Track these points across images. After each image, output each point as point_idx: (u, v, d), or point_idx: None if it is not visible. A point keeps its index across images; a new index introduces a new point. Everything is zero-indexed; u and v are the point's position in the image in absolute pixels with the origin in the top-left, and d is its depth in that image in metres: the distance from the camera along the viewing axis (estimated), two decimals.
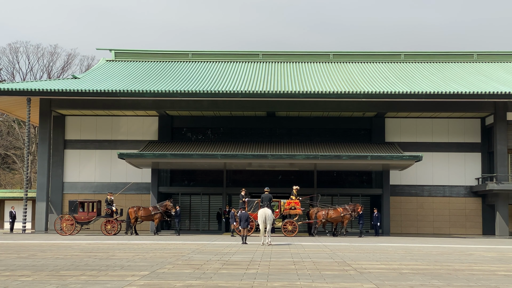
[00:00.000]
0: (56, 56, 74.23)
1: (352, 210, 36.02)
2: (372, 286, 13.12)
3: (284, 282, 13.51)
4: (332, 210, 36.42)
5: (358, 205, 36.20)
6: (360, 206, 36.23)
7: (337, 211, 36.14)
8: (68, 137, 43.85)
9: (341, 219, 36.16)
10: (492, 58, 49.70)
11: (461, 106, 40.19)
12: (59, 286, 12.70)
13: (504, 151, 40.40)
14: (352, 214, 35.98)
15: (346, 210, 35.96)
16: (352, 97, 38.65)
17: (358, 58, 49.85)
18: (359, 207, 36.05)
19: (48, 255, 20.26)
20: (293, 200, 35.80)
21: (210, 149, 40.34)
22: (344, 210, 35.96)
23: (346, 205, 36.79)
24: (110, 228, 35.61)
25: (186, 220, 43.47)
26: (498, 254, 23.20)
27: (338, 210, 36.16)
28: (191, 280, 13.83)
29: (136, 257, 19.58)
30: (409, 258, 20.30)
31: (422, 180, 43.07)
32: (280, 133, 44.23)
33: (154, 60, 49.62)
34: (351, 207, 36.15)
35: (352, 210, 35.99)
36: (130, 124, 43.94)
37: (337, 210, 36.18)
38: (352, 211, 35.95)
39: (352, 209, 36.03)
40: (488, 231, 41.99)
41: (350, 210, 35.95)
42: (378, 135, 43.10)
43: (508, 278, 15.10)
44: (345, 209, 36.00)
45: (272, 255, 20.58)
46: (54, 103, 40.89)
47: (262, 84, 41.33)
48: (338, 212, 36.05)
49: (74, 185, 43.42)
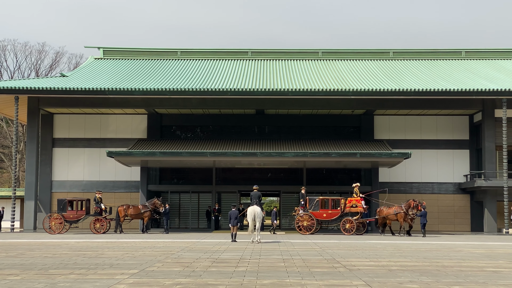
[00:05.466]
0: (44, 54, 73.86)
1: (408, 208, 33.93)
2: (361, 283, 13.15)
3: (273, 280, 13.51)
4: (386, 208, 35.14)
5: (411, 201, 34.01)
6: (415, 202, 33.91)
7: (391, 209, 34.74)
8: (56, 136, 43.66)
9: (395, 217, 34.46)
10: (480, 55, 49.92)
11: (450, 104, 40.36)
12: (47, 285, 12.64)
13: (492, 148, 40.61)
14: (407, 212, 33.83)
15: (400, 208, 34.20)
16: (341, 95, 38.72)
17: (347, 56, 49.93)
18: (414, 204, 33.77)
19: (36, 254, 20.16)
20: (354, 198, 35.68)
21: (199, 147, 40.30)
22: (398, 208, 34.28)
23: (404, 202, 34.78)
24: (99, 227, 35.52)
25: (175, 218, 43.41)
26: (486, 250, 23.31)
27: (393, 208, 34.66)
28: (181, 278, 13.80)
29: (126, 255, 19.53)
30: (398, 255, 20.36)
31: (411, 177, 43.22)
32: (270, 130, 44.24)
33: (143, 58, 49.48)
34: (406, 205, 34.11)
35: (408, 208, 33.91)
36: (119, 122, 43.81)
37: (391, 208, 34.77)
38: (407, 209, 33.87)
39: (408, 207, 33.95)
40: (476, 227, 42.20)
41: (405, 208, 33.96)
42: (367, 132, 43.20)
43: (497, 274, 15.18)
44: (399, 207, 34.32)
45: (261, 253, 20.58)
46: (42, 101, 40.70)
47: (251, 82, 41.31)
48: (392, 210, 34.59)
49: (63, 184, 43.23)
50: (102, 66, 47.20)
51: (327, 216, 35.73)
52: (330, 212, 35.76)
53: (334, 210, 35.78)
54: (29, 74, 71.42)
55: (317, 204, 35.83)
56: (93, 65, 47.77)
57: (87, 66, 47.84)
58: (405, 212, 33.98)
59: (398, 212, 34.16)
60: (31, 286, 12.50)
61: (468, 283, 13.36)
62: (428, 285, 12.99)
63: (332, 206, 35.94)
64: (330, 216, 35.74)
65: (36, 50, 73.38)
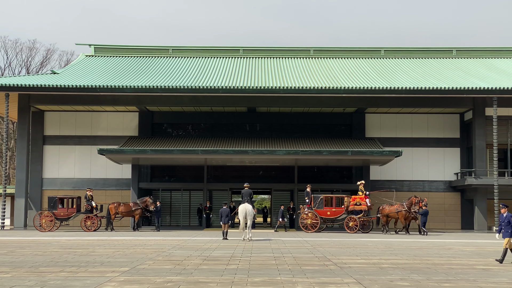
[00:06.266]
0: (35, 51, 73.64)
1: (410, 205, 33.66)
2: (352, 281, 13.18)
3: (264, 278, 13.52)
4: (388, 206, 35.07)
5: (413, 198, 33.70)
6: (417, 199, 33.56)
7: (392, 207, 34.65)
8: (47, 133, 43.47)
9: (396, 215, 34.36)
10: (471, 54, 50.05)
11: (441, 102, 40.46)
12: (38, 282, 12.60)
13: (482, 146, 40.74)
14: (409, 210, 33.57)
15: (402, 206, 34.07)
16: (332, 93, 38.75)
17: (338, 54, 49.95)
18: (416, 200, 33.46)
19: (27, 251, 20.10)
20: (358, 196, 35.52)
21: (190, 144, 40.24)
22: (400, 206, 34.17)
23: (406, 200, 34.64)
24: (90, 224, 35.44)
25: (166, 216, 43.32)
26: (476, 248, 23.43)
27: (394, 206, 34.57)
28: (172, 275, 13.80)
29: (116, 253, 19.50)
30: (389, 253, 20.43)
31: (402, 175, 43.29)
32: (261, 128, 44.22)
33: (134, 56, 49.33)
34: (408, 203, 33.88)
35: (410, 206, 33.64)
36: (110, 120, 43.68)
37: (393, 206, 34.69)
38: (409, 206, 33.60)
39: (410, 205, 33.68)
40: (466, 225, 42.34)
41: (406, 206, 33.75)
42: (358, 130, 43.26)
43: (487, 272, 15.25)
44: (401, 205, 34.19)
45: (252, 251, 20.60)
46: (33, 98, 40.53)
47: (242, 80, 41.28)
48: (393, 208, 34.48)
49: (54, 181, 43.07)
50: (93, 64, 47.03)
51: (331, 214, 35.61)
52: (334, 210, 35.66)
53: (338, 208, 35.69)
54: (20, 71, 71.11)
55: (321, 202, 35.75)
56: (84, 63, 47.58)
57: (78, 63, 47.66)
58: (407, 210, 33.80)
59: (399, 210, 34.07)
60: (21, 284, 12.46)
61: (458, 281, 13.42)
62: (418, 283, 13.03)
63: (336, 204, 35.85)
64: (334, 214, 35.63)
65: (27, 47, 73.06)
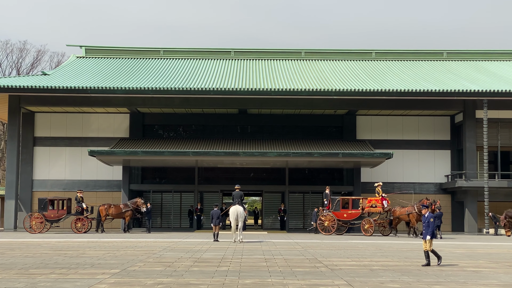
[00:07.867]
0: (26, 52, 73.16)
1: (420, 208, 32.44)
2: (343, 283, 13.20)
3: (255, 279, 13.52)
4: (399, 208, 34.47)
5: (424, 201, 32.00)
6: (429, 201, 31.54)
7: (403, 209, 33.98)
8: (37, 134, 43.31)
9: (407, 218, 33.72)
10: (462, 56, 50.27)
11: (431, 104, 40.62)
12: (28, 284, 12.55)
13: (473, 148, 40.93)
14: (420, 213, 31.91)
15: (413, 208, 33.45)
16: (323, 95, 38.81)
17: (330, 56, 50.05)
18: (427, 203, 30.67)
19: (17, 253, 20.01)
20: (374, 198, 35.11)
21: (181, 146, 40.18)
22: (411, 208, 33.53)
23: (417, 202, 33.92)
24: (80, 226, 35.32)
25: (157, 218, 43.25)
26: (467, 250, 23.51)
27: (405, 208, 33.89)
28: (162, 277, 13.78)
29: (107, 255, 19.44)
30: (380, 255, 20.47)
31: (393, 177, 43.40)
32: (252, 130, 44.22)
33: (125, 57, 49.23)
34: (419, 205, 32.62)
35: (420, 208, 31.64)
36: (101, 121, 43.57)
37: (404, 209, 34.02)
38: (420, 209, 32.20)
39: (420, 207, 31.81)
40: (457, 227, 42.48)
41: (417, 208, 32.93)
42: (349, 132, 43.34)
43: (477, 274, 15.30)
44: (412, 207, 33.57)
45: (243, 253, 20.59)
46: (23, 99, 40.38)
47: (233, 82, 41.28)
48: (404, 210, 33.83)
49: (44, 183, 42.91)
50: (84, 65, 46.91)
51: (347, 216, 35.31)
52: (350, 212, 35.42)
53: (355, 210, 35.43)
54: (10, 72, 70.79)
55: (338, 204, 35.44)
56: (75, 64, 47.45)
57: (69, 64, 47.51)
58: (418, 213, 32.94)
59: (410, 212, 33.49)
60: (11, 286, 12.40)
61: (449, 283, 13.46)
62: (409, 285, 13.06)
63: (352, 206, 35.62)
64: (351, 216, 35.30)
65: (18, 48, 72.71)
